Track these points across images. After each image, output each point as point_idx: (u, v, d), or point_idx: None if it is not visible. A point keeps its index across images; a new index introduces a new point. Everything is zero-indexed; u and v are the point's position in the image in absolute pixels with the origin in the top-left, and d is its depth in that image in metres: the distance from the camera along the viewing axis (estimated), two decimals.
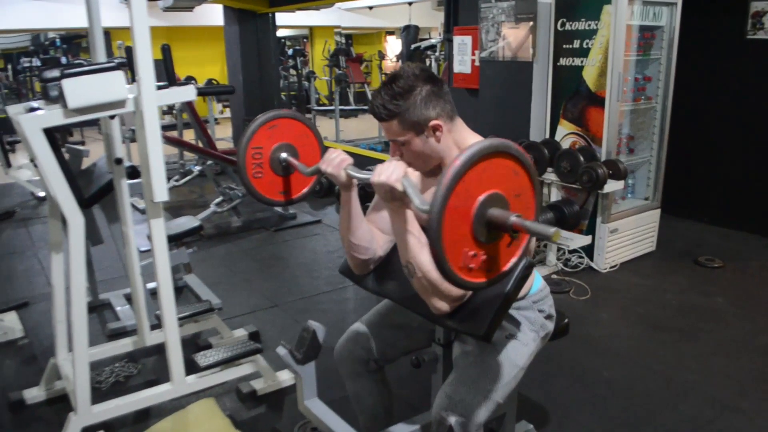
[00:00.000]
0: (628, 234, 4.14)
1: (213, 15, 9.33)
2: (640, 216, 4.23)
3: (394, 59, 13.93)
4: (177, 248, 3.50)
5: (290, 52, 12.33)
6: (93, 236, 3.34)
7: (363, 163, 1.96)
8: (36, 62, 11.18)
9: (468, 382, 1.59)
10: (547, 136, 4.23)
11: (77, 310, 2.26)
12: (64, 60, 9.69)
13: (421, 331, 1.87)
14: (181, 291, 3.92)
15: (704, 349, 3.07)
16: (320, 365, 2.06)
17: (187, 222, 3.53)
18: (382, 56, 14.08)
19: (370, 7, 11.21)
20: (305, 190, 2.03)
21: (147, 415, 2.58)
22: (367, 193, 4.14)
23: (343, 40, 15.62)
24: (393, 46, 14.90)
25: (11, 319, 3.40)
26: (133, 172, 2.91)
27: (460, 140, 1.62)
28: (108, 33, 12.79)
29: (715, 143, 4.88)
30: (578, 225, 3.93)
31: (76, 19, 10.58)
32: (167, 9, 8.55)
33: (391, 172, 1.43)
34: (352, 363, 1.91)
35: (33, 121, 2.03)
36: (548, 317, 1.77)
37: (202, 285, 3.86)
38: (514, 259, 1.37)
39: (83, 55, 13.27)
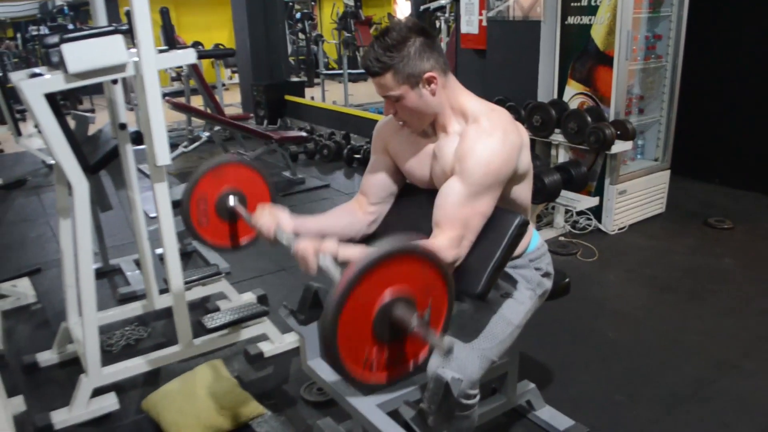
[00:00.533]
0: (636, 195, 4.11)
1: None
2: (649, 177, 4.18)
3: None
4: None
5: (298, 15, 12.16)
6: (102, 202, 3.37)
7: (369, 126, 1.96)
8: (44, 30, 11.13)
9: (463, 341, 1.60)
10: (555, 96, 4.17)
11: (85, 275, 2.29)
12: (71, 27, 9.62)
13: None
14: (190, 256, 3.97)
15: (711, 310, 3.07)
16: None
17: None
18: (391, 18, 13.88)
19: None
20: (255, 235, 2.00)
21: (157, 377, 2.63)
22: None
23: (352, 3, 15.41)
24: (402, 7, 14.64)
25: (24, 285, 3.46)
26: (138, 138, 2.91)
27: (453, 99, 1.59)
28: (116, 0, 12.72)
29: (726, 103, 4.79)
30: (586, 186, 3.90)
31: None
32: None
33: (307, 248, 1.46)
34: None
35: (34, 86, 2.04)
36: (545, 275, 1.76)
37: (210, 250, 3.89)
38: (422, 356, 1.43)
39: (90, 22, 13.20)
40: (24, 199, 5.41)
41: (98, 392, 2.44)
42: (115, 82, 2.73)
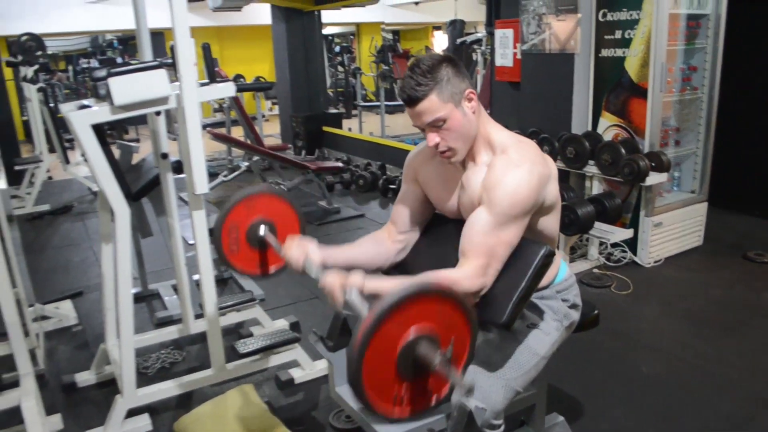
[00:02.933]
0: (673, 228, 4.05)
1: (261, 14, 9.50)
2: (685, 209, 4.13)
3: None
4: None
5: (337, 49, 12.42)
6: (143, 229, 3.48)
7: (404, 157, 2.01)
8: (94, 63, 11.62)
9: (488, 370, 1.61)
10: (590, 128, 4.17)
11: (124, 298, 2.37)
12: (120, 60, 10.03)
13: None
14: (226, 282, 4.05)
15: (749, 346, 2.99)
16: None
17: None
18: (428, 50, 14.06)
19: (416, 2, 11.18)
20: (283, 264, 2.05)
21: (190, 400, 2.69)
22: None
23: (390, 36, 15.68)
24: (440, 41, 14.85)
25: (66, 307, 3.58)
26: (179, 167, 3.02)
27: (483, 128, 1.62)
28: (162, 34, 13.21)
29: (765, 134, 4.71)
30: (620, 218, 3.87)
31: (131, 21, 10.97)
32: (217, 9, 8.78)
33: (334, 283, 1.52)
34: None
35: (82, 117, 2.15)
36: (573, 307, 1.77)
37: (246, 277, 3.97)
38: (444, 392, 1.47)
39: (138, 55, 13.70)
40: (70, 224, 5.61)
41: (132, 413, 2.51)
42: (158, 113, 2.85)
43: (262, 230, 2.00)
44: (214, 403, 2.44)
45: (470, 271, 1.50)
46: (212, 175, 6.57)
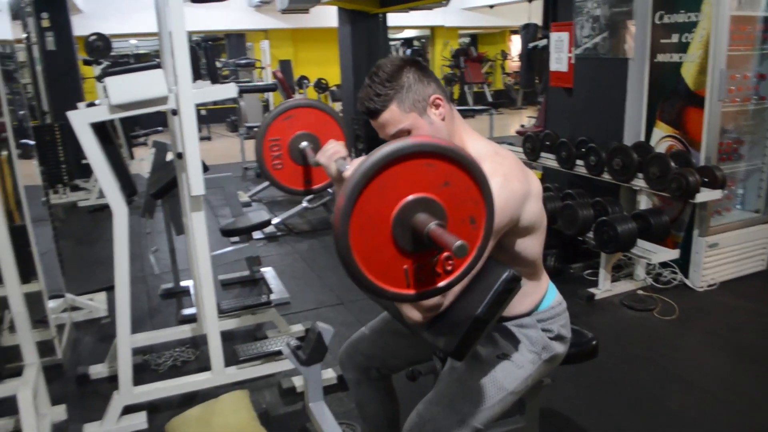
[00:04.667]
0: (731, 250, 3.71)
1: (334, 17, 9.59)
2: (747, 230, 3.77)
3: (516, 58, 13.55)
4: (247, 242, 3.61)
5: (408, 52, 12.36)
6: (177, 226, 3.53)
7: None
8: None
9: (444, 401, 1.48)
10: (642, 138, 3.89)
11: (121, 296, 2.40)
12: (203, 62, 10.39)
13: (424, 342, 1.77)
14: (257, 283, 4.06)
15: None
16: None
17: (256, 216, 3.64)
18: (505, 56, 13.75)
19: (491, 6, 10.94)
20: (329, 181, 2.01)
21: (192, 400, 2.67)
22: None
23: (468, 41, 15.47)
24: (516, 45, 14.52)
25: (100, 299, 3.68)
26: (204, 167, 3.04)
27: (458, 136, 1.49)
28: (243, 35, 13.60)
29: None
30: (667, 237, 3.57)
31: (212, 23, 11.38)
32: (284, 11, 8.94)
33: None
34: (352, 369, 1.85)
35: (80, 116, 2.18)
36: (557, 338, 1.59)
37: (276, 278, 3.97)
38: (452, 278, 1.23)
39: (223, 55, 14.21)
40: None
41: (131, 410, 2.53)
42: (174, 112, 2.86)
43: (303, 143, 1.97)
44: (204, 406, 2.41)
45: None
46: None
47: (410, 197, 1.11)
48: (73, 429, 2.47)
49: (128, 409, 2.53)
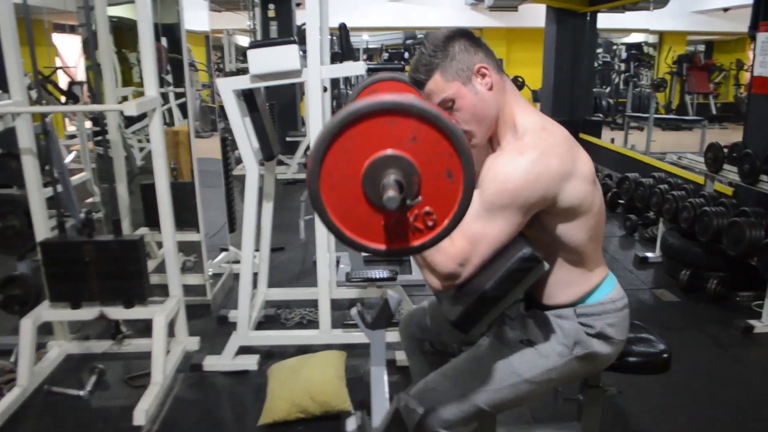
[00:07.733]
0: None
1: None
2: None
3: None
4: None
5: (624, 55, 11.58)
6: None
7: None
8: (406, 55, 12.62)
9: (451, 374, 1.46)
10: None
11: (246, 254, 2.69)
12: (406, 55, 10.84)
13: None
14: (402, 263, 4.20)
15: None
16: None
17: None
18: (740, 66, 12.16)
19: (725, 9, 9.80)
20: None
21: (304, 352, 2.88)
22: None
23: (703, 48, 14.02)
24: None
25: (263, 256, 4.10)
26: None
27: (508, 108, 1.44)
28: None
29: None
30: None
31: (429, 19, 11.82)
32: (492, 8, 8.97)
33: None
34: (407, 338, 1.89)
35: (225, 83, 2.48)
36: (599, 336, 1.45)
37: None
38: (434, 234, 1.18)
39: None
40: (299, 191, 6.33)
41: (248, 351, 2.83)
42: (325, 89, 3.09)
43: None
44: (301, 357, 2.61)
45: (451, 249, 1.34)
46: None
47: (376, 155, 1.12)
48: (199, 357, 2.83)
49: (246, 350, 2.82)
